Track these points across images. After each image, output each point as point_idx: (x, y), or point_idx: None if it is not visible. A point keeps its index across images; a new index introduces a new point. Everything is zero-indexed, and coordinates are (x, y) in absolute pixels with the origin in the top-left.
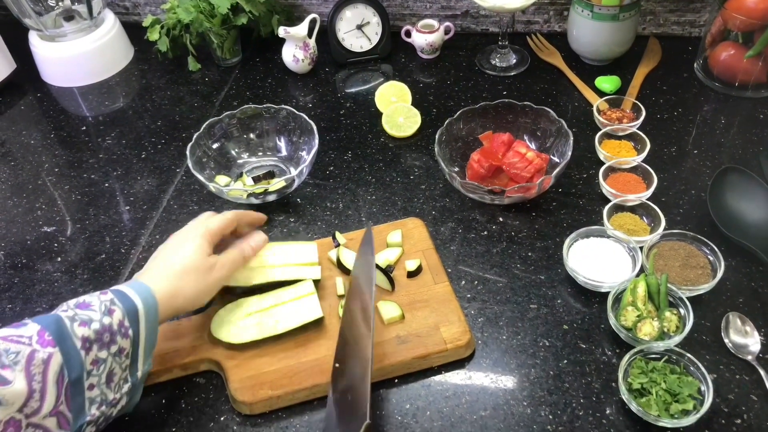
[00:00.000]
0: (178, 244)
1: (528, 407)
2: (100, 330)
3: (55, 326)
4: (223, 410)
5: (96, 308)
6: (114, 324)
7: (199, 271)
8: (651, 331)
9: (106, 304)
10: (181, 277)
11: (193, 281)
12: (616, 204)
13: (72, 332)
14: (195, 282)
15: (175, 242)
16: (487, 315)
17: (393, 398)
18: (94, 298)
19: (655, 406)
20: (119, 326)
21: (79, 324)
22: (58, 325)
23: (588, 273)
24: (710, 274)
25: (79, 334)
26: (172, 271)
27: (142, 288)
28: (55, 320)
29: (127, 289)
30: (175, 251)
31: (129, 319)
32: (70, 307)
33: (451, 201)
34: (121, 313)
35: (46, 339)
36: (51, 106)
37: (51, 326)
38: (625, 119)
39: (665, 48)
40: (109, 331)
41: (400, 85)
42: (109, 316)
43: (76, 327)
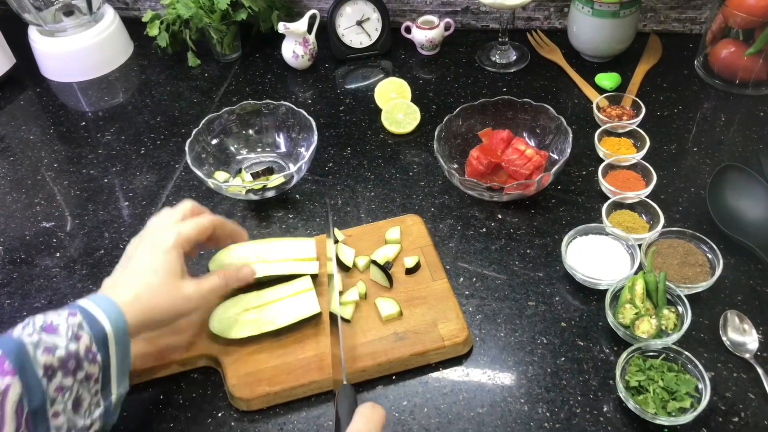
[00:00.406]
0: (150, 254)
1: (525, 404)
2: (65, 357)
3: (15, 353)
4: (220, 406)
5: (62, 333)
6: (81, 350)
7: (171, 290)
8: (649, 328)
9: (73, 329)
10: (154, 295)
11: (166, 300)
12: (615, 201)
13: (35, 360)
14: (168, 301)
15: (147, 248)
16: (485, 312)
17: (390, 395)
18: (62, 320)
19: (653, 403)
20: (86, 352)
21: (42, 351)
22: (20, 352)
23: (586, 270)
24: (709, 272)
25: (42, 361)
26: (143, 289)
27: (111, 309)
28: (17, 347)
29: (96, 310)
30: (146, 263)
31: (97, 344)
32: (36, 329)
33: (450, 198)
34: (89, 339)
35: (5, 368)
36: (50, 101)
37: (11, 354)
38: (625, 116)
39: (666, 45)
40: (75, 358)
41: (399, 82)
42: (75, 341)
43: (39, 354)
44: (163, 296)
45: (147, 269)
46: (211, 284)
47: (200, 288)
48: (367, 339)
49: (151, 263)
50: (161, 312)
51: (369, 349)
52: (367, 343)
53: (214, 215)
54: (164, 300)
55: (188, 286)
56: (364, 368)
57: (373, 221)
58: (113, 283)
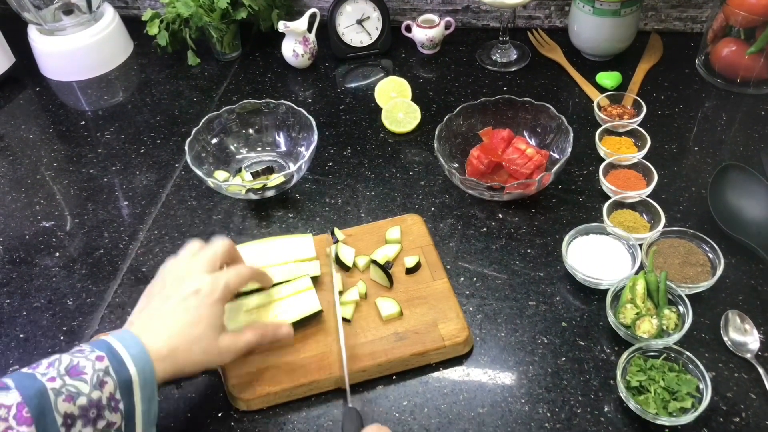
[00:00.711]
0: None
1: (526, 404)
2: (87, 406)
3: (37, 401)
4: (220, 406)
5: (88, 378)
6: (103, 398)
7: (209, 345)
8: (650, 328)
9: (99, 374)
10: (190, 348)
11: (199, 355)
12: (615, 201)
13: (54, 408)
14: (201, 355)
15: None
16: (486, 312)
17: (391, 395)
18: (89, 363)
19: (653, 404)
20: (109, 400)
21: (64, 398)
22: (41, 401)
23: (587, 270)
24: (710, 272)
25: (62, 410)
26: (180, 341)
27: (141, 357)
28: (39, 393)
29: (125, 354)
30: (188, 313)
31: (121, 391)
32: (60, 372)
33: (451, 197)
34: (113, 386)
35: (24, 416)
36: (50, 100)
37: (33, 401)
38: (626, 115)
39: (667, 44)
40: (97, 407)
41: (399, 81)
42: (99, 389)
43: (60, 402)
44: (199, 351)
45: (188, 319)
46: (247, 341)
47: (236, 344)
48: (367, 339)
49: (195, 314)
50: (192, 366)
51: (369, 349)
52: (367, 343)
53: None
54: (198, 355)
55: (224, 342)
56: (364, 368)
57: (374, 221)
58: (145, 324)
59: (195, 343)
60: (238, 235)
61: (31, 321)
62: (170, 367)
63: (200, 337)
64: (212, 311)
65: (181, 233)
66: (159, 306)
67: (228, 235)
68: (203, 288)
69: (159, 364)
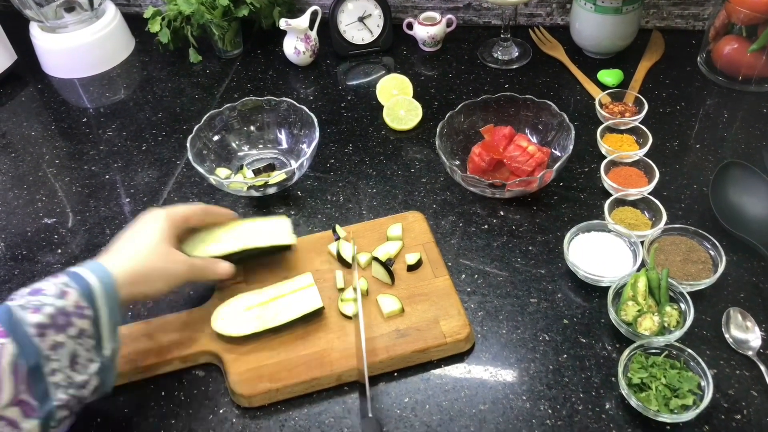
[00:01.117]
0: (140, 226)
1: (527, 401)
2: (54, 313)
3: (5, 316)
4: (222, 403)
5: (48, 293)
6: (68, 306)
7: (160, 253)
8: (651, 326)
9: (59, 286)
10: (143, 257)
11: (154, 263)
12: (617, 198)
13: (23, 320)
14: (156, 263)
15: (137, 224)
16: (487, 309)
17: (392, 392)
18: (48, 283)
19: (655, 401)
20: (75, 307)
21: (31, 311)
22: (9, 315)
23: (588, 267)
24: (711, 269)
25: (31, 320)
26: (132, 251)
27: (97, 267)
28: (5, 310)
29: (81, 270)
30: (136, 231)
31: (86, 299)
32: (23, 295)
33: (452, 194)
34: (77, 294)
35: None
36: (52, 97)
37: (2, 317)
38: (628, 113)
39: (668, 41)
40: (64, 314)
41: (401, 78)
42: (62, 298)
43: (28, 315)
44: (152, 256)
45: (137, 235)
46: (197, 262)
47: (188, 259)
48: (369, 336)
49: (141, 229)
50: (151, 270)
51: (370, 346)
52: (368, 340)
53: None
54: (154, 259)
55: (177, 253)
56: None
57: (375, 218)
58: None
59: (145, 248)
60: None
61: None
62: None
63: (148, 243)
64: (159, 225)
65: None
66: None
67: None
68: (150, 215)
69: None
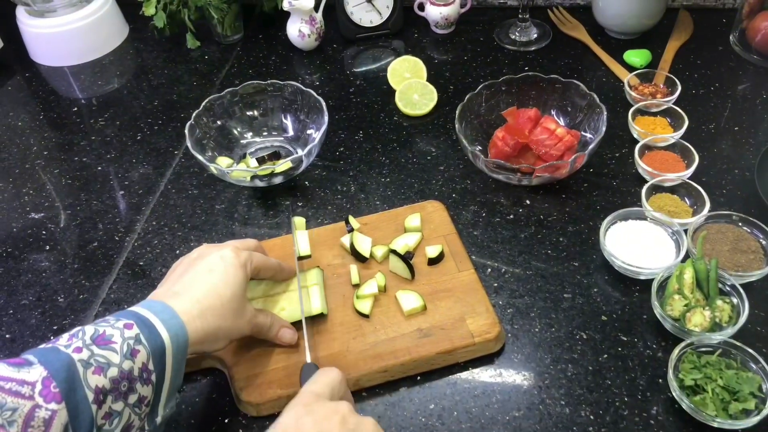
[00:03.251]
0: (219, 270)
1: (566, 406)
2: (118, 378)
3: (65, 374)
4: (227, 411)
5: (117, 347)
6: (135, 369)
7: (234, 311)
8: (702, 321)
9: (129, 343)
10: (220, 315)
11: (225, 321)
12: (654, 184)
13: (84, 382)
14: (231, 324)
15: (215, 264)
16: (517, 306)
17: (416, 397)
18: (116, 332)
19: (712, 404)
20: (141, 371)
21: (93, 371)
22: (69, 374)
23: (627, 258)
24: (763, 259)
25: (93, 384)
26: (213, 301)
27: (173, 322)
28: (67, 366)
29: (155, 320)
30: (216, 279)
31: (154, 361)
32: (86, 342)
33: (473, 183)
34: (146, 355)
35: (52, 391)
36: (40, 86)
37: (60, 374)
38: (659, 94)
39: (696, 21)
40: (128, 378)
41: (414, 60)
42: (131, 359)
43: (90, 375)
44: (230, 315)
45: (217, 280)
46: (262, 320)
47: (255, 318)
48: (388, 336)
49: (223, 276)
50: (224, 331)
51: (390, 347)
52: (387, 341)
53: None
54: (230, 319)
55: (249, 311)
56: (386, 368)
57: (390, 208)
58: (171, 291)
59: (227, 305)
60: (243, 226)
61: (18, 320)
62: (201, 328)
63: (232, 299)
64: (238, 274)
65: (182, 224)
66: (182, 274)
67: (232, 226)
68: (227, 254)
69: (191, 325)
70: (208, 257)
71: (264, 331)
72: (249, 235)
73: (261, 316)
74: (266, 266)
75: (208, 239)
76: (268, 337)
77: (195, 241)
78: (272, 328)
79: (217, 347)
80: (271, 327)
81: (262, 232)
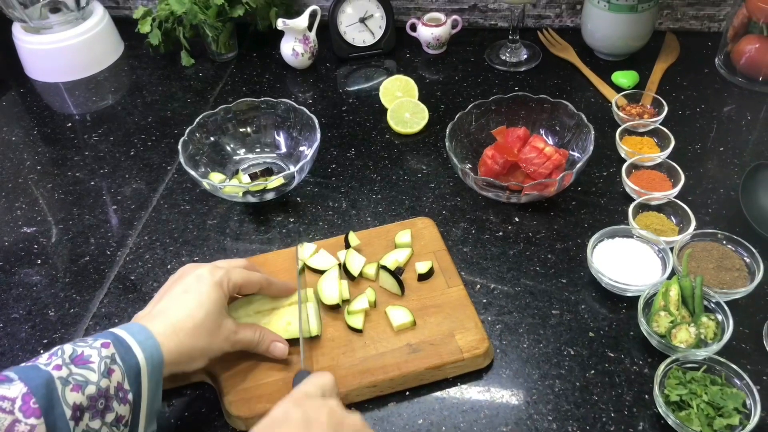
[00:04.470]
0: (193, 290)
1: (554, 422)
2: (96, 395)
3: (44, 390)
4: (216, 426)
5: (94, 366)
6: (111, 388)
7: (210, 330)
8: (687, 337)
9: (106, 362)
10: (193, 335)
11: (204, 341)
12: (640, 203)
13: (62, 399)
14: (206, 343)
15: (190, 285)
16: (506, 322)
17: (404, 412)
18: (94, 351)
19: (697, 420)
20: (117, 390)
21: (72, 388)
22: (48, 390)
23: (614, 275)
24: (747, 277)
25: (71, 401)
26: (185, 321)
27: (149, 343)
28: (46, 383)
29: (131, 341)
30: (190, 299)
31: (129, 380)
32: (65, 360)
33: (463, 200)
34: (121, 374)
35: (32, 407)
36: (34, 102)
37: (39, 390)
38: (646, 115)
39: (683, 44)
40: (105, 396)
41: (405, 79)
42: (107, 377)
43: (68, 392)
44: (204, 334)
45: (191, 301)
46: (248, 336)
47: (237, 334)
48: (378, 351)
49: (197, 296)
50: (199, 351)
51: (380, 362)
52: (377, 356)
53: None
54: (204, 338)
55: (228, 328)
56: (375, 383)
57: (380, 225)
58: (150, 314)
59: (200, 325)
60: (234, 241)
61: (8, 333)
62: (175, 349)
63: (205, 319)
64: (214, 293)
65: (174, 239)
66: (161, 296)
67: (224, 241)
68: (204, 273)
69: (165, 346)
70: (184, 278)
71: (252, 347)
72: (240, 250)
73: (245, 332)
74: (248, 283)
75: (199, 254)
76: (259, 351)
77: (186, 256)
78: (261, 342)
79: (196, 366)
80: (260, 342)
81: (254, 248)
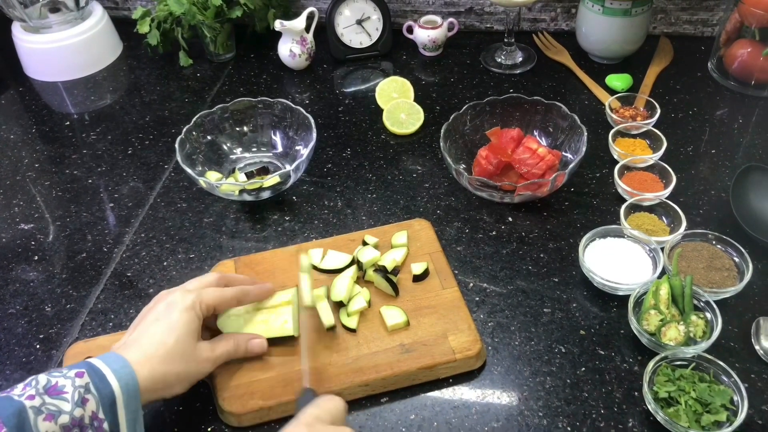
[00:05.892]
0: (164, 317)
1: (544, 418)
2: (69, 425)
3: (16, 420)
4: (209, 421)
5: (68, 396)
6: (86, 417)
7: (185, 355)
8: (677, 335)
9: (80, 391)
10: (166, 361)
11: (179, 366)
12: (632, 203)
13: (35, 428)
14: (181, 368)
15: (161, 312)
16: (498, 320)
17: (396, 408)
18: (68, 381)
19: (685, 416)
20: (92, 419)
21: (44, 417)
22: (20, 420)
23: (605, 274)
24: (736, 277)
25: (43, 430)
26: (157, 348)
27: (124, 371)
28: (17, 412)
29: (106, 370)
30: (161, 327)
31: (104, 409)
32: (39, 391)
33: (457, 200)
34: (96, 403)
35: None
36: (33, 100)
37: (11, 420)
38: (639, 117)
39: (677, 47)
40: (80, 425)
41: (401, 81)
42: (81, 406)
43: (41, 421)
44: (177, 359)
45: (161, 328)
46: (224, 349)
47: (214, 352)
48: (371, 350)
49: (167, 323)
50: (174, 376)
51: (372, 362)
52: (370, 355)
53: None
54: (178, 363)
55: (203, 350)
56: (367, 382)
57: (376, 224)
58: (124, 343)
59: (171, 350)
60: (230, 239)
61: (4, 328)
62: (150, 376)
63: (176, 344)
64: (184, 318)
65: (170, 236)
66: (136, 325)
67: (220, 239)
68: (176, 299)
69: (140, 374)
70: (156, 306)
71: (232, 355)
72: (236, 248)
73: (221, 346)
74: (222, 300)
75: (195, 252)
76: (239, 356)
77: (183, 254)
78: (238, 347)
79: (176, 392)
80: (237, 347)
81: (249, 245)
